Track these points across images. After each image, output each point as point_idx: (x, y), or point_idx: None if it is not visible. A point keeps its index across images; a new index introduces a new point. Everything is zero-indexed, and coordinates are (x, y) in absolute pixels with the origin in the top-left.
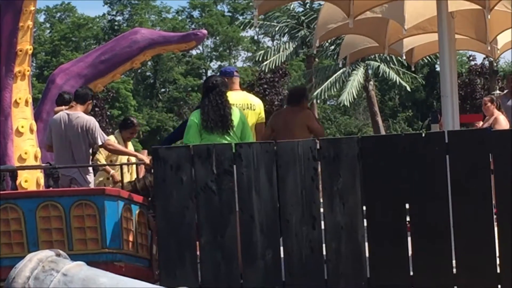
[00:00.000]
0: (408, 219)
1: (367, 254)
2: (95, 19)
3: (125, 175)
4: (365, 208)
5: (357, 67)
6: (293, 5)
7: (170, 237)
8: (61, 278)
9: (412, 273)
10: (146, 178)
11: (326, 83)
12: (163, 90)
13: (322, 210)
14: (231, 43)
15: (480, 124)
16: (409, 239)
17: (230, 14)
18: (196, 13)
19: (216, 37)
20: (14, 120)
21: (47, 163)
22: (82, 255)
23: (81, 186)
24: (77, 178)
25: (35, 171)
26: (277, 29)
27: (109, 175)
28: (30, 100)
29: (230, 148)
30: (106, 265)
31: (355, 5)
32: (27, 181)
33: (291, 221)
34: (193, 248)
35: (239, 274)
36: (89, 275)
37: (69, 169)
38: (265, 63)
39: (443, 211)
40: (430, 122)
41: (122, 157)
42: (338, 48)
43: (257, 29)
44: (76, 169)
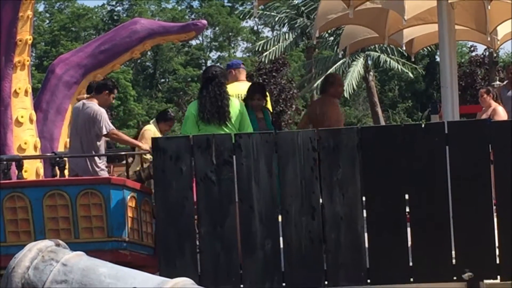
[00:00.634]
0: (408, 209)
1: (366, 245)
2: (95, 9)
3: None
4: (364, 198)
5: (357, 58)
6: None
7: (169, 227)
8: (61, 268)
9: (411, 264)
10: (151, 167)
11: (326, 74)
12: (162, 81)
13: (321, 200)
14: (230, 34)
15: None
16: (408, 229)
17: (230, 4)
18: (195, 3)
19: (215, 28)
20: (13, 110)
21: (52, 152)
22: (88, 243)
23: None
24: (81, 173)
25: (35, 161)
26: (276, 19)
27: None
28: (30, 90)
29: (230, 138)
30: (112, 253)
31: None
32: (26, 171)
33: (291, 212)
34: (192, 238)
35: (238, 264)
36: (88, 265)
37: (76, 165)
38: (264, 54)
39: (442, 201)
40: (430, 112)
41: None
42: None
43: (256, 19)
44: (82, 164)
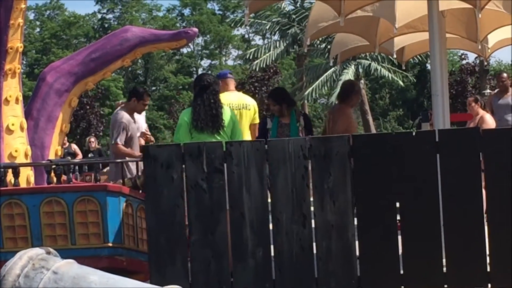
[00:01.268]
0: (399, 217)
1: (357, 253)
2: (86, 17)
3: None
4: (355, 206)
5: (348, 66)
6: (284, 3)
7: (160, 235)
8: (51, 276)
9: (402, 272)
10: None
11: (317, 82)
12: (153, 89)
13: (312, 208)
14: (221, 42)
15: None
16: (399, 237)
17: (221, 12)
18: (186, 11)
19: (206, 35)
20: (4, 118)
21: (48, 160)
22: (85, 249)
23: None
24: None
25: (26, 168)
26: (267, 27)
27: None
28: (21, 98)
29: (221, 146)
30: (108, 259)
31: (346, 4)
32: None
33: (282, 220)
34: (183, 246)
35: (229, 272)
36: (79, 273)
37: (110, 173)
38: (255, 62)
39: (433, 209)
40: (420, 121)
41: None
42: (329, 47)
43: (247, 27)
44: (113, 170)
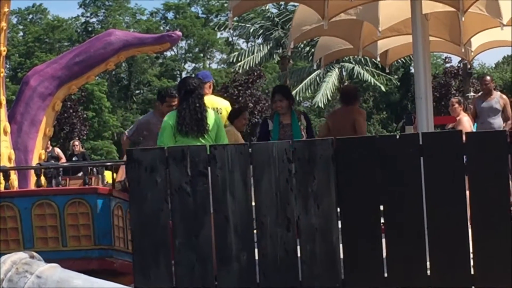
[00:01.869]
0: (383, 220)
1: (341, 256)
2: (69, 20)
3: None
4: (339, 209)
5: (332, 69)
6: (267, 7)
7: (144, 238)
8: (35, 280)
9: (386, 275)
10: None
11: (301, 85)
12: (137, 92)
13: (296, 212)
14: (205, 45)
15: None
16: (383, 240)
17: (205, 15)
18: (170, 15)
19: (190, 39)
20: None
21: (38, 163)
22: (76, 251)
23: None
24: None
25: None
26: (251, 30)
27: None
28: (4, 102)
29: (205, 150)
30: (99, 260)
31: (330, 7)
32: (1, 183)
33: (266, 223)
34: (167, 249)
35: (213, 276)
36: (63, 277)
37: None
38: (238, 64)
39: (417, 212)
40: (404, 124)
41: None
42: (313, 50)
43: (231, 31)
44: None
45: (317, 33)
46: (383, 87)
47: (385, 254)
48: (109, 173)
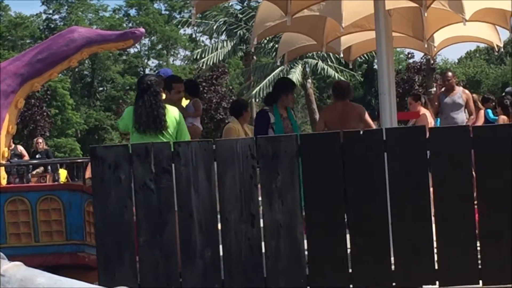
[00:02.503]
0: (347, 216)
1: (306, 252)
2: (31, 18)
3: None
4: (304, 205)
5: (295, 65)
6: (230, 3)
7: (108, 236)
8: None
9: (351, 270)
10: None
11: (264, 81)
12: (101, 89)
13: (261, 208)
14: (168, 42)
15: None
16: (347, 236)
17: (167, 12)
18: (133, 12)
19: (153, 36)
20: None
21: (8, 160)
22: (48, 246)
23: None
24: None
25: None
26: (215, 27)
27: None
28: None
29: (169, 147)
30: (70, 255)
31: (293, 3)
32: None
33: (230, 219)
34: (131, 247)
35: (178, 273)
36: (27, 275)
37: None
38: (202, 60)
39: (381, 208)
40: None
41: None
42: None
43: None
44: None
45: (280, 29)
46: None
47: (349, 250)
48: (64, 172)
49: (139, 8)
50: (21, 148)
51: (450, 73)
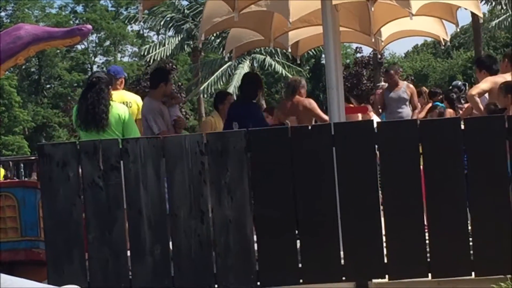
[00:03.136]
0: (296, 211)
1: (255, 248)
2: None
3: None
4: (253, 201)
5: (243, 61)
6: None
7: (57, 234)
8: None
9: (300, 265)
10: None
11: (212, 77)
12: (48, 86)
13: (210, 204)
14: (116, 38)
15: None
16: (297, 231)
17: (114, 9)
18: (80, 8)
19: (100, 32)
20: None
21: None
22: (3, 243)
23: None
24: None
25: None
26: (162, 23)
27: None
28: None
29: (117, 143)
30: (25, 251)
31: None
32: None
33: (180, 216)
34: (81, 245)
35: (127, 270)
36: None
37: None
38: (149, 55)
39: (330, 202)
40: None
41: None
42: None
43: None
44: None
45: (227, 25)
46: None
47: (299, 245)
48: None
49: (86, 5)
50: None
51: (392, 71)
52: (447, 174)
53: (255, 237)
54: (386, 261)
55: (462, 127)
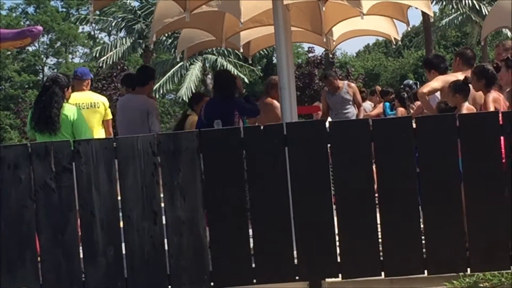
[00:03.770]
0: (249, 211)
1: (208, 248)
2: None
3: None
4: (206, 202)
5: (195, 61)
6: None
7: (9, 237)
8: None
9: (254, 265)
10: None
11: (164, 77)
12: None
13: (163, 205)
14: (67, 40)
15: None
16: (250, 231)
17: (65, 9)
18: (30, 10)
19: (51, 33)
20: None
21: None
22: None
23: None
24: None
25: None
26: (113, 24)
27: None
28: None
29: (69, 145)
30: None
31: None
32: None
33: (132, 217)
34: (33, 247)
35: (80, 272)
36: None
37: None
38: (102, 59)
39: (283, 202)
40: None
41: None
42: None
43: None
44: None
45: (179, 26)
46: (246, 79)
47: (252, 245)
48: None
49: (37, 6)
50: None
51: (330, 77)
52: (399, 173)
53: (208, 238)
54: (339, 260)
55: (414, 126)
